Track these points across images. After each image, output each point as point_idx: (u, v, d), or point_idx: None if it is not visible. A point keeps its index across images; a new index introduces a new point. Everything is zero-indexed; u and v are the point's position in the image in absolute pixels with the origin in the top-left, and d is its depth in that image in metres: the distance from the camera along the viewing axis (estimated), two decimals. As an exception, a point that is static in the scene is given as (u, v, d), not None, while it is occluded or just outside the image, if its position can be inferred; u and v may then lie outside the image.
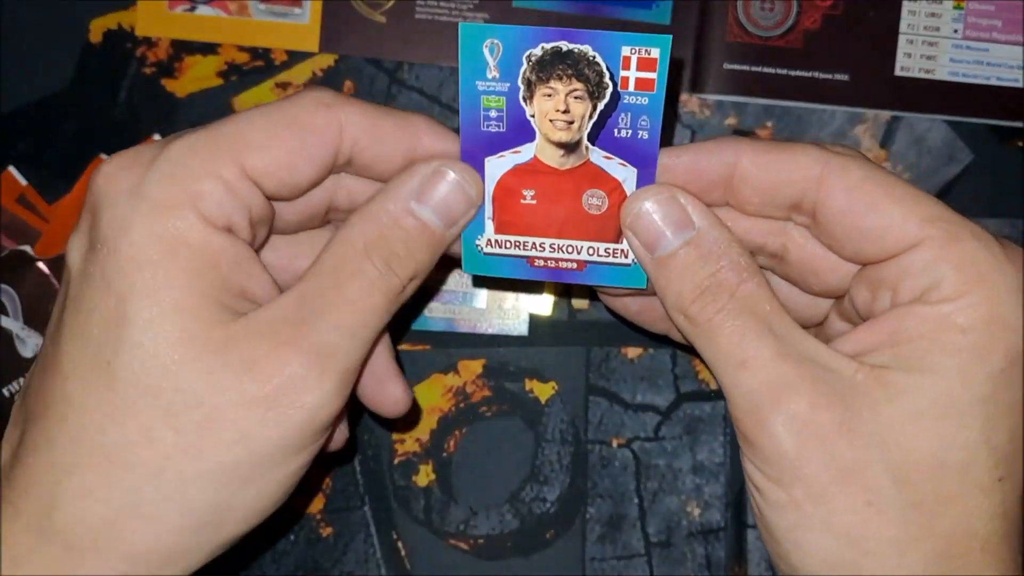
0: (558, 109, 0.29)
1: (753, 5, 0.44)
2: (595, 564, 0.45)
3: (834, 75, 0.44)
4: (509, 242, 0.31)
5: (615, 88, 0.29)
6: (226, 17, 0.44)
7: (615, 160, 0.30)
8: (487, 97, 0.29)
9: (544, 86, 0.29)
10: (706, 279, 0.29)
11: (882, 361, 0.28)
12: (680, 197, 0.30)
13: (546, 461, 0.45)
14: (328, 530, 0.44)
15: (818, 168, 0.30)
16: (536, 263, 0.31)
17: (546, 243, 0.31)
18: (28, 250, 0.43)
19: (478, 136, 0.30)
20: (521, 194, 0.30)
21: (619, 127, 0.29)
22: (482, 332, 0.44)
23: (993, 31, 0.44)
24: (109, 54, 0.44)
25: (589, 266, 0.31)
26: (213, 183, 0.28)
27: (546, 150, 0.30)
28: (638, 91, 0.29)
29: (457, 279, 0.44)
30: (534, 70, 0.29)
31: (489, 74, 0.29)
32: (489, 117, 0.29)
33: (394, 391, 0.34)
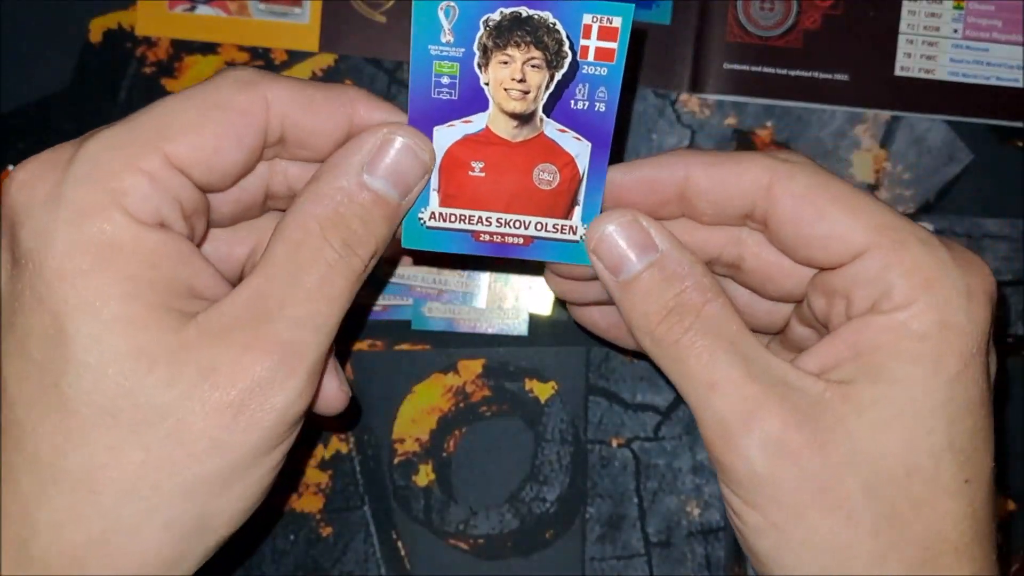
0: (514, 78, 0.28)
1: (753, 5, 0.44)
2: (595, 564, 0.45)
3: (834, 75, 0.44)
4: (454, 215, 0.30)
5: (574, 57, 0.27)
6: (226, 17, 0.44)
7: (570, 134, 0.29)
8: (439, 63, 0.27)
9: (501, 53, 0.27)
10: (671, 299, 0.29)
11: (846, 376, 0.28)
12: (642, 220, 0.30)
13: (546, 461, 0.45)
14: (328, 530, 0.44)
15: (766, 177, 0.30)
16: (481, 238, 0.30)
17: (492, 217, 0.30)
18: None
19: (428, 103, 0.28)
20: (470, 166, 0.29)
21: (576, 98, 0.28)
22: (482, 332, 0.44)
23: (993, 31, 0.44)
24: (109, 54, 0.44)
25: (536, 242, 0.30)
26: (136, 178, 0.26)
27: (499, 121, 0.29)
28: (598, 61, 0.28)
29: (458, 279, 0.44)
30: (491, 36, 0.27)
31: (443, 38, 0.27)
32: (441, 84, 0.28)
33: (330, 389, 0.31)
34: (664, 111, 0.45)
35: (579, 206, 0.30)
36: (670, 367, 0.30)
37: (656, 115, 0.45)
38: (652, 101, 0.45)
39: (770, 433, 0.28)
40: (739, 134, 0.45)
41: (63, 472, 0.26)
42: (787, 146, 0.45)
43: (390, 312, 0.44)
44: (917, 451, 0.28)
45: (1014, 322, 0.45)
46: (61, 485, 0.26)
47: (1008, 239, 0.45)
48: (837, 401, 0.28)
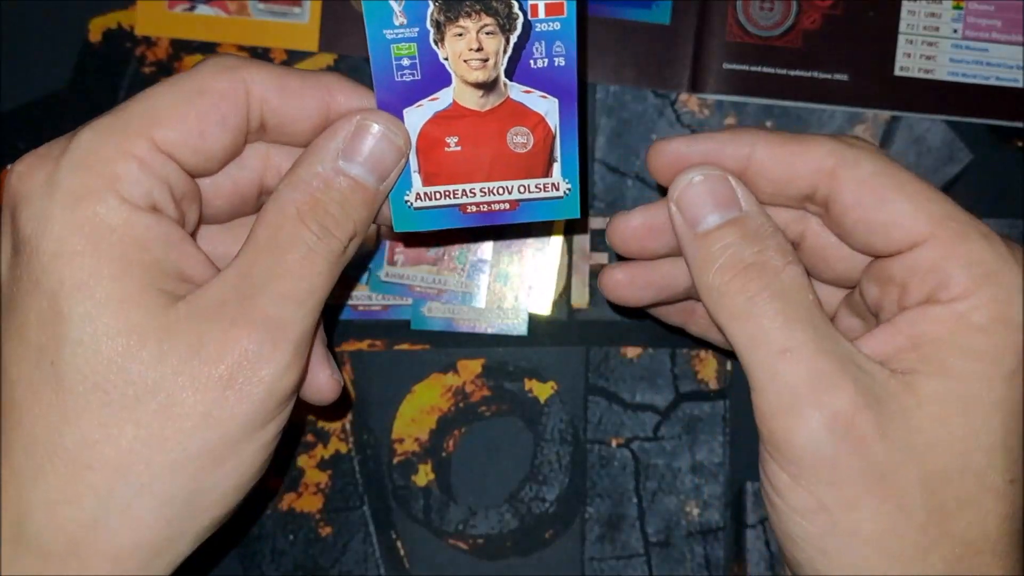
0: (471, 48, 0.28)
1: (753, 5, 0.44)
2: (594, 564, 0.44)
3: (833, 75, 0.44)
4: (439, 193, 0.30)
5: (525, 18, 0.28)
6: (225, 16, 0.44)
7: (535, 93, 0.29)
8: (397, 45, 0.28)
9: (454, 25, 0.28)
10: (750, 256, 0.29)
11: (906, 366, 0.28)
12: (730, 178, 0.30)
13: (545, 461, 0.45)
14: (327, 530, 0.44)
15: (831, 161, 0.29)
16: (468, 210, 0.30)
17: (476, 188, 0.30)
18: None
19: (393, 87, 0.28)
20: (445, 142, 0.29)
21: (534, 57, 0.28)
22: (482, 332, 0.44)
23: (992, 31, 0.44)
24: (109, 53, 0.44)
25: (522, 204, 0.31)
26: (127, 163, 0.27)
27: (464, 93, 0.29)
28: (549, 17, 0.28)
29: (457, 279, 0.44)
30: (441, 10, 0.28)
31: (396, 21, 0.28)
32: (402, 66, 0.28)
33: (321, 377, 0.32)
34: (664, 111, 0.45)
35: (557, 162, 0.30)
36: (738, 328, 0.29)
37: (656, 115, 0.45)
38: (652, 101, 0.45)
39: (839, 411, 0.27)
40: (739, 134, 0.45)
41: (58, 450, 0.26)
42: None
43: (390, 312, 0.44)
44: (973, 448, 0.27)
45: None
46: (56, 463, 0.26)
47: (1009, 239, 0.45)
48: (900, 390, 0.28)
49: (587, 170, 0.44)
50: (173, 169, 0.28)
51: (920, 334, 0.28)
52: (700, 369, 0.45)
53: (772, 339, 0.28)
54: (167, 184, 0.28)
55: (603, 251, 0.45)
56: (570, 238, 0.44)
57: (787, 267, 0.29)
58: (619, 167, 0.45)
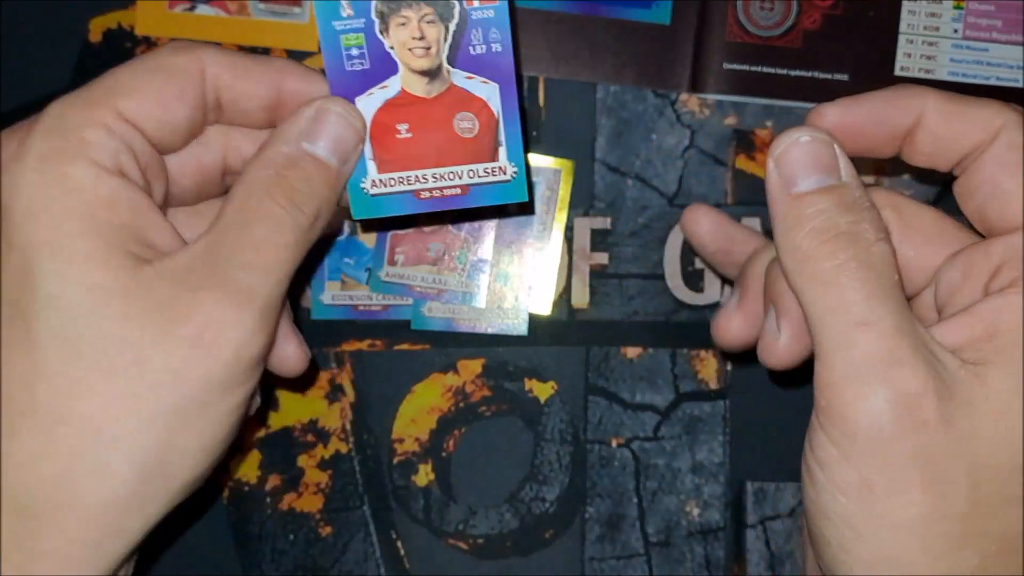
0: (414, 36, 0.30)
1: (753, 5, 0.44)
2: (594, 564, 0.44)
3: (834, 75, 0.44)
4: (393, 179, 0.31)
5: (462, 6, 0.29)
6: (226, 17, 0.43)
7: (476, 79, 0.30)
8: (346, 36, 0.30)
9: (397, 16, 0.30)
10: (845, 225, 0.28)
11: (979, 357, 0.27)
12: (836, 145, 0.29)
13: (545, 461, 0.44)
14: (327, 530, 0.44)
15: (998, 121, 0.29)
16: (423, 195, 0.31)
17: (428, 174, 0.31)
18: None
19: (344, 76, 0.30)
20: (396, 129, 0.31)
21: (472, 44, 0.30)
22: (482, 332, 0.44)
23: (993, 31, 0.44)
24: (109, 53, 0.44)
25: (472, 189, 0.31)
26: (95, 129, 0.28)
27: (411, 80, 0.30)
28: (483, 5, 0.29)
29: (457, 279, 0.44)
30: (384, 2, 0.29)
31: (344, 13, 0.29)
32: (351, 56, 0.30)
33: (289, 348, 0.32)
34: (664, 111, 0.44)
35: (502, 147, 0.31)
36: (817, 292, 0.28)
37: (656, 115, 0.44)
38: (652, 101, 0.44)
39: (908, 391, 0.27)
40: (739, 134, 0.44)
41: (32, 406, 0.26)
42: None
43: (390, 312, 0.44)
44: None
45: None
46: (29, 420, 0.27)
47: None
48: (970, 380, 0.27)
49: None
50: (138, 138, 0.29)
51: (998, 324, 0.27)
52: (700, 369, 0.44)
53: (853, 310, 0.27)
54: (132, 152, 0.29)
55: (603, 251, 0.44)
56: (570, 238, 0.44)
57: (878, 242, 0.28)
58: (619, 167, 0.45)
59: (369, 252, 0.43)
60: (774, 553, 0.44)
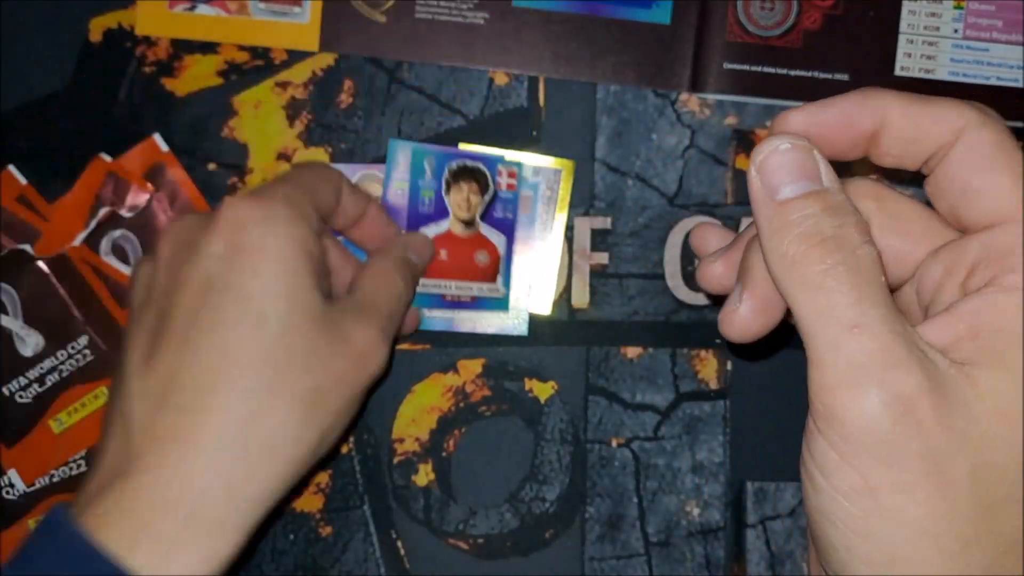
0: (463, 199, 0.44)
1: (753, 5, 0.43)
2: (594, 563, 0.44)
3: (834, 75, 0.44)
4: (432, 283, 0.44)
5: (495, 187, 0.43)
6: (226, 16, 0.43)
7: (495, 231, 0.44)
8: (424, 190, 0.44)
9: (456, 185, 0.44)
10: (831, 229, 0.28)
11: (965, 356, 0.27)
12: (816, 152, 0.29)
13: (545, 461, 0.44)
14: (327, 529, 0.44)
15: (961, 121, 0.29)
16: (447, 297, 0.44)
17: (452, 284, 0.44)
18: (28, 249, 0.42)
19: (418, 214, 0.43)
20: (440, 252, 0.44)
21: (496, 211, 0.44)
22: (482, 332, 0.44)
23: (993, 31, 0.44)
24: (109, 53, 0.44)
25: (477, 300, 0.44)
26: (310, 207, 0.38)
27: (455, 225, 0.44)
28: (508, 190, 0.44)
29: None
30: (451, 175, 0.44)
31: (426, 176, 0.44)
32: (424, 203, 0.44)
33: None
34: (664, 111, 0.44)
35: (500, 275, 0.44)
36: (806, 297, 0.28)
37: (656, 115, 0.44)
38: (652, 101, 0.44)
39: (903, 392, 0.26)
40: (739, 134, 0.44)
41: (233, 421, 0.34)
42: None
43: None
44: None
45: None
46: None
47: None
48: (962, 381, 0.27)
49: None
50: (318, 218, 0.39)
51: (980, 323, 0.27)
52: (700, 369, 0.44)
53: (843, 313, 0.27)
54: (320, 224, 0.39)
55: (603, 251, 0.44)
56: (570, 238, 0.44)
57: (864, 245, 0.28)
58: (619, 167, 0.44)
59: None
60: (774, 553, 0.44)
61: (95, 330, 0.42)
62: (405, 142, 0.44)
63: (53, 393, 0.42)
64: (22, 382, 0.42)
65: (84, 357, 0.42)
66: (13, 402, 0.42)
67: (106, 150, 0.43)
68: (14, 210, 0.42)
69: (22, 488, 0.43)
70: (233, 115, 0.44)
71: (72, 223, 0.42)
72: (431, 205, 0.43)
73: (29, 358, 0.42)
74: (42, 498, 0.43)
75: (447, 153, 0.44)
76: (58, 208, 0.43)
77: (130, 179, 0.43)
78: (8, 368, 0.42)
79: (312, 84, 0.44)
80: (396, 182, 0.44)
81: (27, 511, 0.43)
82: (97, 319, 0.42)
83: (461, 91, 0.44)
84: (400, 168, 0.44)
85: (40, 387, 0.42)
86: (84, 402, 0.43)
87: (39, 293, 0.42)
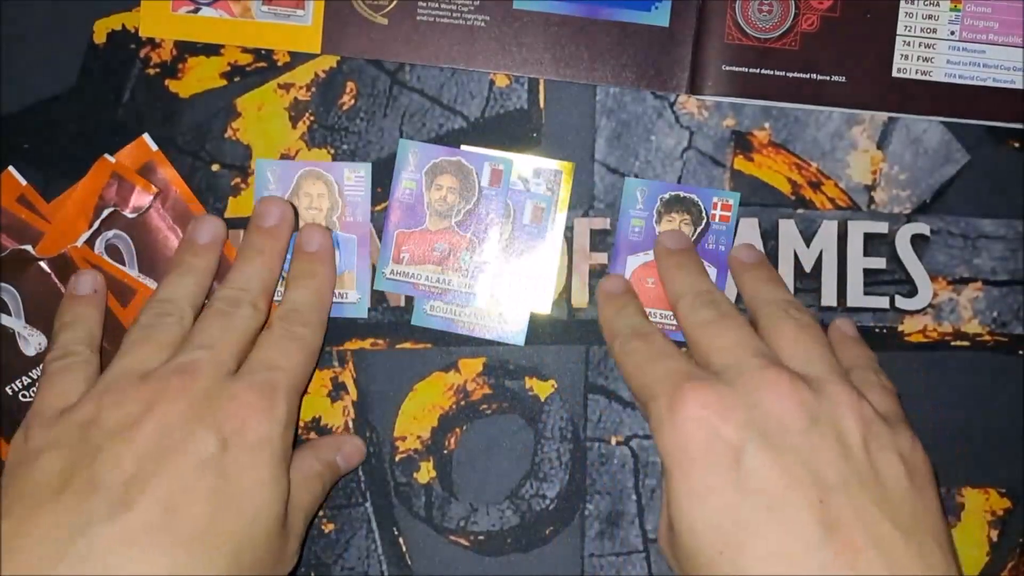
0: (673, 231, 0.43)
1: (751, 7, 0.43)
2: (594, 560, 0.43)
3: (831, 77, 0.43)
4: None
5: (707, 219, 0.43)
6: (229, 18, 0.43)
7: (705, 263, 0.43)
8: (635, 218, 0.43)
9: (667, 215, 0.43)
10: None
11: None
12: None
13: (545, 458, 0.44)
14: (330, 526, 0.43)
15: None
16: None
17: (657, 312, 0.43)
18: (29, 249, 0.41)
19: (626, 242, 0.43)
20: (647, 280, 0.43)
21: (708, 242, 0.43)
22: (480, 336, 0.43)
23: (990, 32, 0.43)
24: (113, 55, 0.43)
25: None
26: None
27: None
28: (720, 222, 0.43)
29: (460, 279, 0.43)
30: (663, 205, 0.43)
31: (637, 206, 0.43)
32: (634, 231, 0.43)
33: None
34: (663, 113, 0.44)
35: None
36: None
37: (655, 117, 0.44)
38: (651, 103, 0.44)
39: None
40: (737, 135, 0.44)
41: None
42: (784, 147, 0.44)
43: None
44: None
45: (1011, 322, 0.44)
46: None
47: (1004, 240, 0.44)
48: None
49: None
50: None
51: None
52: (699, 368, 0.44)
53: None
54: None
55: (603, 251, 0.44)
56: (570, 238, 0.43)
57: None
58: (619, 168, 0.44)
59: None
60: (772, 550, 0.43)
61: (97, 329, 0.42)
62: (414, 142, 0.43)
63: (56, 392, 0.42)
64: (25, 381, 0.42)
65: (86, 356, 0.42)
66: (18, 401, 0.41)
67: (110, 151, 0.43)
68: (14, 211, 0.42)
69: (27, 486, 0.42)
70: (236, 116, 0.43)
71: (76, 223, 0.42)
72: (641, 234, 0.43)
73: (32, 357, 0.41)
74: (47, 496, 0.42)
75: (663, 184, 0.43)
76: (60, 208, 0.42)
77: (135, 181, 0.42)
78: (11, 367, 0.41)
79: (314, 86, 0.43)
80: (405, 181, 0.43)
81: (32, 509, 0.42)
82: (99, 318, 0.42)
83: (462, 93, 0.44)
84: (410, 168, 0.43)
85: (43, 386, 0.42)
86: (87, 401, 0.42)
87: (41, 293, 0.41)
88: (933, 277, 0.44)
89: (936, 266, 0.44)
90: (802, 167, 0.44)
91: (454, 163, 0.43)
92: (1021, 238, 0.44)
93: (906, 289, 0.44)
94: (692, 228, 0.43)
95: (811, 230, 0.44)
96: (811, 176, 0.44)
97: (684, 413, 0.34)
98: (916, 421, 0.35)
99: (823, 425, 0.34)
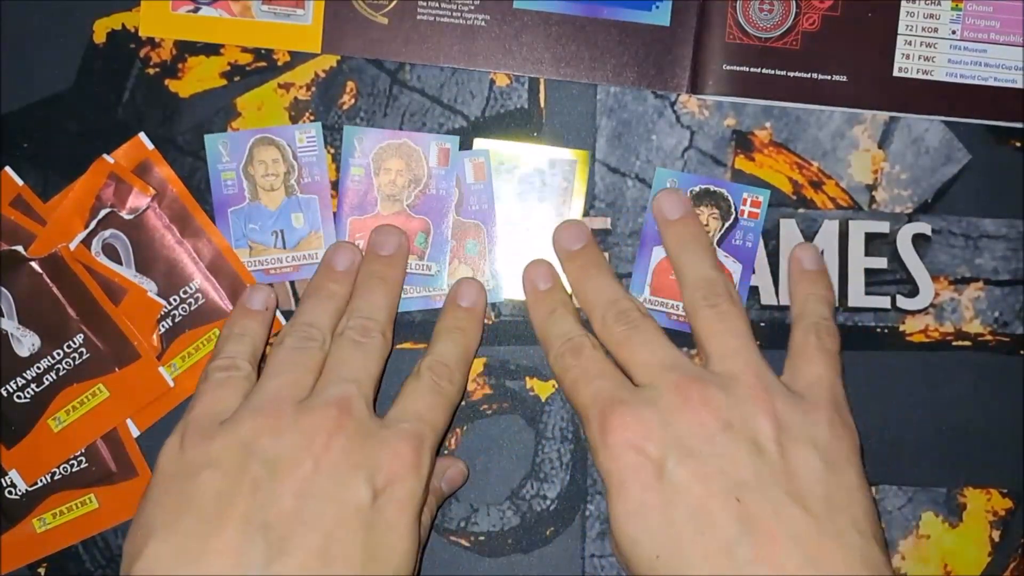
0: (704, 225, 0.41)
1: (752, 6, 0.40)
2: (594, 561, 0.41)
3: (832, 76, 0.40)
4: (659, 301, 0.41)
5: (736, 215, 0.40)
6: (229, 18, 0.40)
7: (731, 258, 0.41)
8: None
9: (696, 209, 0.41)
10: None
11: None
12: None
13: (546, 459, 0.41)
14: (330, 527, 0.41)
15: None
16: (672, 317, 0.41)
17: (679, 304, 0.40)
18: (20, 250, 0.39)
19: (653, 234, 0.41)
20: (671, 273, 0.40)
21: (735, 238, 0.41)
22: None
23: (991, 32, 0.40)
24: (113, 54, 0.40)
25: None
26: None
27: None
28: (749, 218, 0.41)
29: (416, 261, 0.40)
30: (692, 199, 0.41)
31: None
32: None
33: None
34: (664, 112, 0.41)
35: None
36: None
37: (656, 116, 0.41)
38: (652, 102, 0.41)
39: None
40: (738, 135, 0.41)
41: None
42: (785, 147, 0.41)
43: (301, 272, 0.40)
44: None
45: (1013, 322, 0.41)
46: None
47: (1005, 239, 0.41)
48: None
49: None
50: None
51: None
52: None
53: None
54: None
55: (603, 251, 0.41)
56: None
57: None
58: (619, 168, 0.41)
59: (272, 215, 0.41)
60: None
61: (90, 328, 0.39)
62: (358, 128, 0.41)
63: (51, 392, 0.39)
64: (20, 382, 0.39)
65: (80, 355, 0.39)
66: (11, 402, 0.39)
67: (110, 151, 0.40)
68: (9, 212, 0.39)
69: (24, 487, 0.39)
70: (236, 116, 0.41)
71: (72, 223, 0.39)
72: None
73: (26, 358, 0.39)
74: (44, 496, 0.40)
75: (693, 177, 0.41)
76: (57, 208, 0.39)
77: (132, 182, 0.39)
78: (5, 369, 0.39)
79: (314, 85, 0.41)
80: (353, 168, 0.40)
81: (30, 510, 0.40)
82: (92, 317, 0.39)
83: (462, 92, 0.41)
84: (356, 154, 0.40)
85: (38, 387, 0.39)
86: (82, 400, 0.39)
87: (33, 293, 0.39)
88: (934, 277, 0.41)
89: (937, 266, 0.41)
90: (803, 167, 0.41)
91: (400, 145, 0.40)
92: (1022, 238, 0.41)
93: (907, 289, 0.41)
94: (720, 223, 0.41)
95: (812, 230, 0.41)
96: (812, 176, 0.41)
97: (612, 438, 0.35)
98: (917, 421, 0.33)
99: (735, 429, 0.34)
